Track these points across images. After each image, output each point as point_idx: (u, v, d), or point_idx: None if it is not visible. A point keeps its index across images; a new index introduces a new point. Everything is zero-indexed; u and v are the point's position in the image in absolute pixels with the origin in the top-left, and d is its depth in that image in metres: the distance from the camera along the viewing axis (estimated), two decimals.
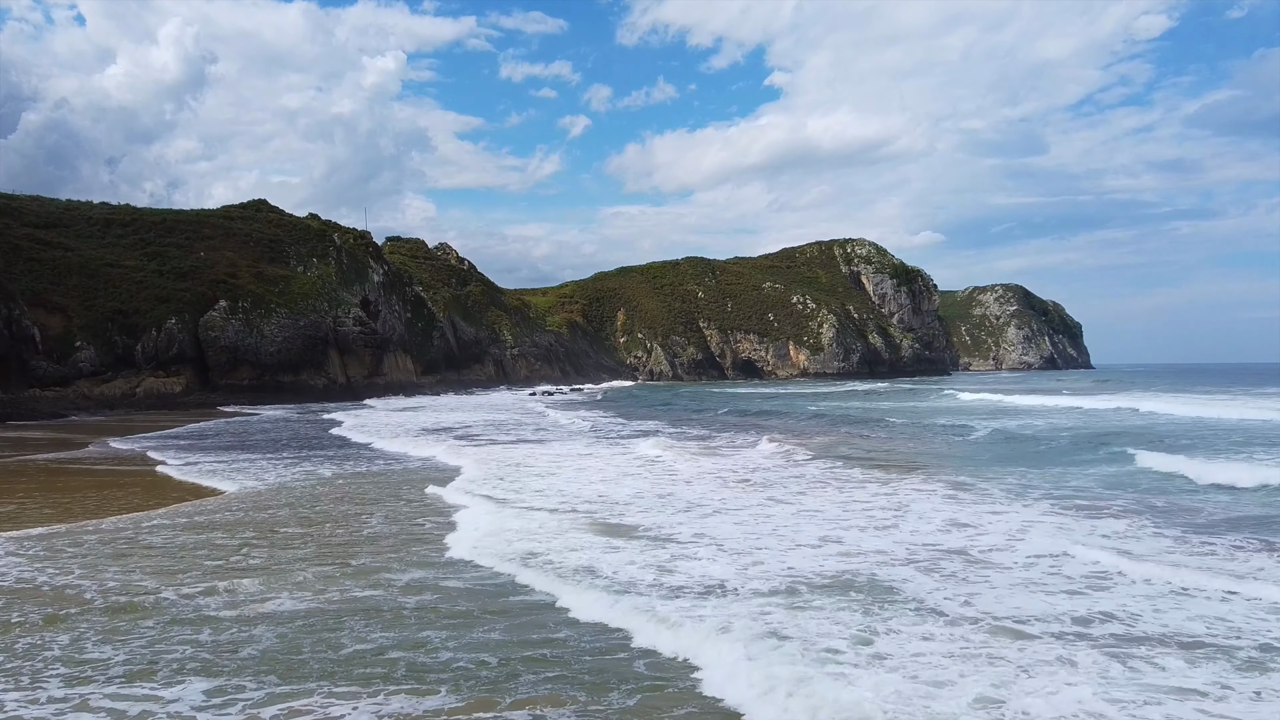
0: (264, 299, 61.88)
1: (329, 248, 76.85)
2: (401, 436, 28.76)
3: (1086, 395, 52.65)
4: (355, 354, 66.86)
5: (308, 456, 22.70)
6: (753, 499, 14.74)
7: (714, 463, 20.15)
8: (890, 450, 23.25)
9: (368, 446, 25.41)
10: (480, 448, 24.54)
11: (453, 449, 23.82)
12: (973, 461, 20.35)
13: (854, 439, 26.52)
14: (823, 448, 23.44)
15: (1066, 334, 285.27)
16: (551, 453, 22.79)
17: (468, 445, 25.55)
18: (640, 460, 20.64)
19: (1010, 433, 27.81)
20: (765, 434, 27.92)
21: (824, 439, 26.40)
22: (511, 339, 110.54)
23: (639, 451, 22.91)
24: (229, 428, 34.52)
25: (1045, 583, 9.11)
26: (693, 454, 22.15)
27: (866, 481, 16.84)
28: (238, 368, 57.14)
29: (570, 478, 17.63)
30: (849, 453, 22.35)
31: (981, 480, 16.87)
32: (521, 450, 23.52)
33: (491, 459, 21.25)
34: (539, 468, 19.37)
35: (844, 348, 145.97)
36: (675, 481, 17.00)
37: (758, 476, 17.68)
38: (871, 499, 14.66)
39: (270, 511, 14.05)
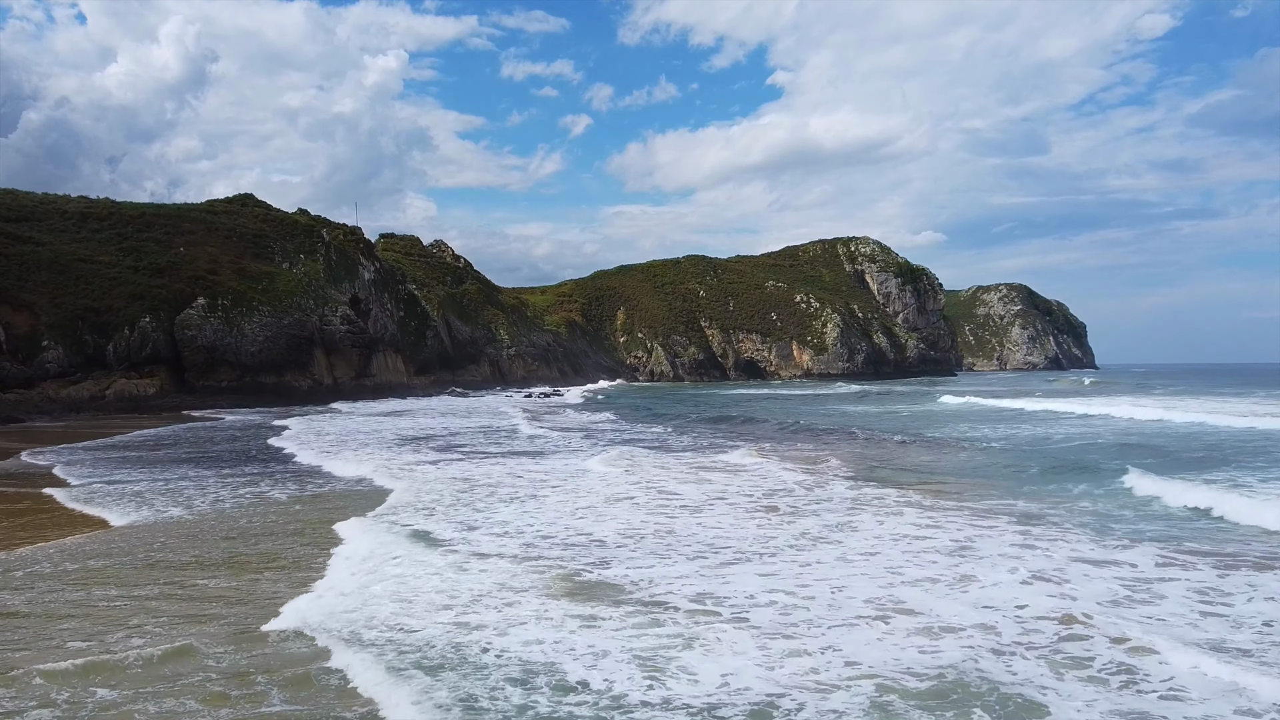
0: (246, 296, 59.01)
1: (317, 244, 73.95)
2: (370, 448, 25.64)
3: (1104, 397, 49.86)
4: (343, 354, 64.00)
5: (229, 477, 18.84)
6: (779, 536, 11.89)
7: (726, 482, 17.30)
8: (921, 464, 20.41)
9: (317, 468, 20.60)
10: (448, 464, 21.46)
11: (405, 468, 20.55)
12: (1021, 478, 17.49)
13: (875, 449, 23.67)
14: (846, 461, 20.61)
15: (1071, 334, 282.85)
16: (532, 470, 19.87)
17: (437, 459, 22.65)
18: (638, 481, 17.75)
19: (1045, 441, 25.00)
20: (780, 445, 25.11)
21: (845, 450, 23.56)
22: (508, 339, 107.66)
23: (638, 469, 20.05)
24: (181, 435, 31.29)
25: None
26: (701, 472, 19.30)
27: (904, 506, 14.01)
28: (216, 368, 54.27)
29: (548, 505, 14.61)
30: (877, 468, 19.53)
31: (1047, 506, 14.03)
32: (497, 468, 20.54)
33: (456, 477, 18.31)
34: (511, 489, 16.35)
35: (848, 348, 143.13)
36: (681, 510, 14.14)
37: (780, 501, 14.83)
38: (923, 534, 11.83)
39: (118, 559, 10.78)
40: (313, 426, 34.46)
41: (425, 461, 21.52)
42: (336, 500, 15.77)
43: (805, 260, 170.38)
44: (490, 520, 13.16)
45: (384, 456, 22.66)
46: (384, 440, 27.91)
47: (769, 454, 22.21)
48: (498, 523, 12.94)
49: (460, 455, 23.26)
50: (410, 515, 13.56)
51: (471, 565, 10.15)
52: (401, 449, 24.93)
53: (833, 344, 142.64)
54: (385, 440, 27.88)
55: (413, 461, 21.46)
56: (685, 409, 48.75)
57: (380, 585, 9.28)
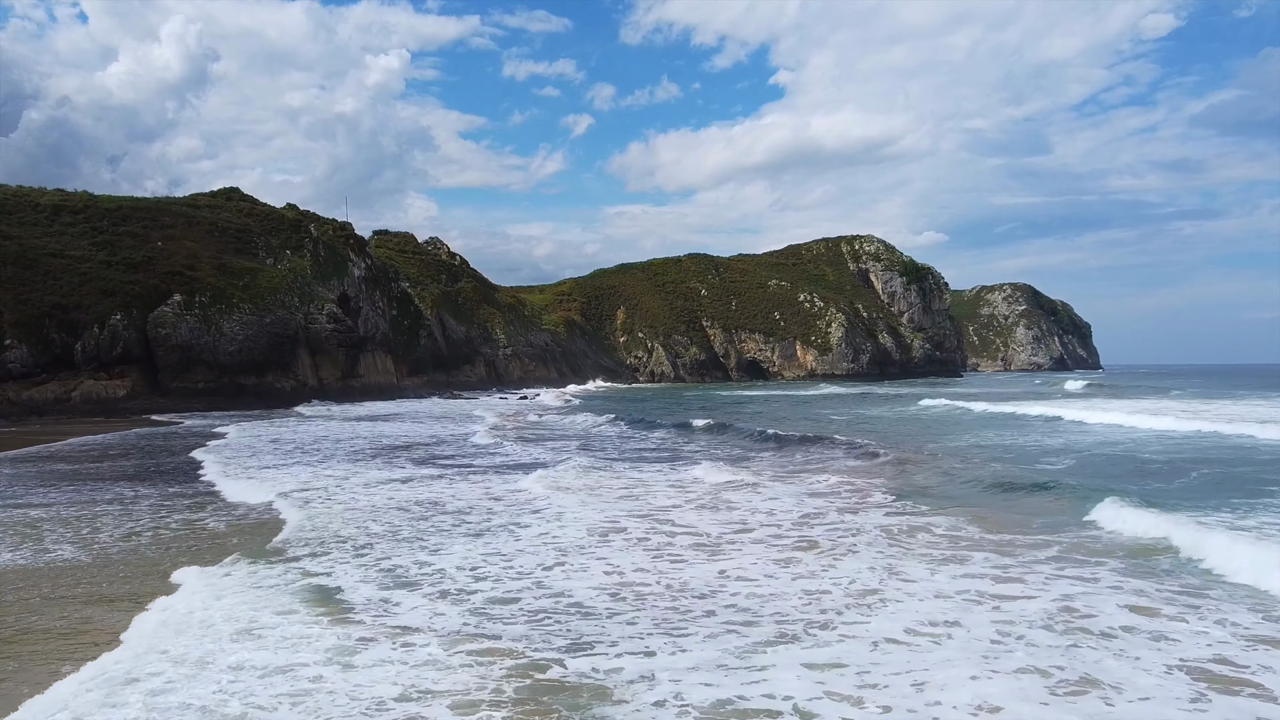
0: (225, 293, 56.09)
1: (304, 239, 71.03)
2: (315, 460, 22.47)
3: (1127, 399, 46.95)
4: (329, 354, 61.07)
5: (114, 501, 15.48)
6: (828, 592, 8.95)
7: (747, 505, 14.37)
8: (970, 481, 17.47)
9: (214, 489, 17.16)
10: (405, 484, 18.22)
11: (344, 486, 17.34)
12: (1094, 500, 14.51)
13: (912, 461, 20.74)
14: (882, 476, 17.68)
15: (1076, 334, 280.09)
16: (506, 492, 16.92)
17: (393, 477, 19.69)
18: (637, 509, 14.81)
19: (1097, 452, 22.07)
20: (799, 453, 22.17)
21: (877, 461, 20.62)
22: (505, 338, 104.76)
23: (636, 491, 17.13)
24: (111, 443, 27.65)
25: None
26: (710, 495, 16.38)
27: (973, 548, 11.06)
28: (192, 369, 51.33)
29: (518, 544, 11.51)
30: (924, 486, 16.59)
31: (1159, 554, 11.05)
32: (466, 487, 17.49)
33: (409, 502, 15.28)
34: (476, 519, 13.30)
35: (853, 348, 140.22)
36: (690, 549, 11.22)
37: (819, 534, 11.90)
38: (1001, 589, 8.90)
39: None
40: (268, 433, 31.10)
41: (381, 480, 18.45)
42: (215, 535, 12.54)
43: (808, 259, 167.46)
44: (431, 569, 10.09)
45: (327, 470, 19.65)
46: (342, 450, 24.75)
47: (775, 469, 19.30)
48: (440, 573, 9.88)
49: (427, 469, 20.31)
50: (317, 558, 10.50)
51: (376, 649, 7.11)
52: (357, 462, 21.86)
53: (837, 344, 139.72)
54: (343, 451, 24.73)
55: (362, 480, 18.20)
56: (689, 413, 45.81)
57: (177, 695, 6.08)
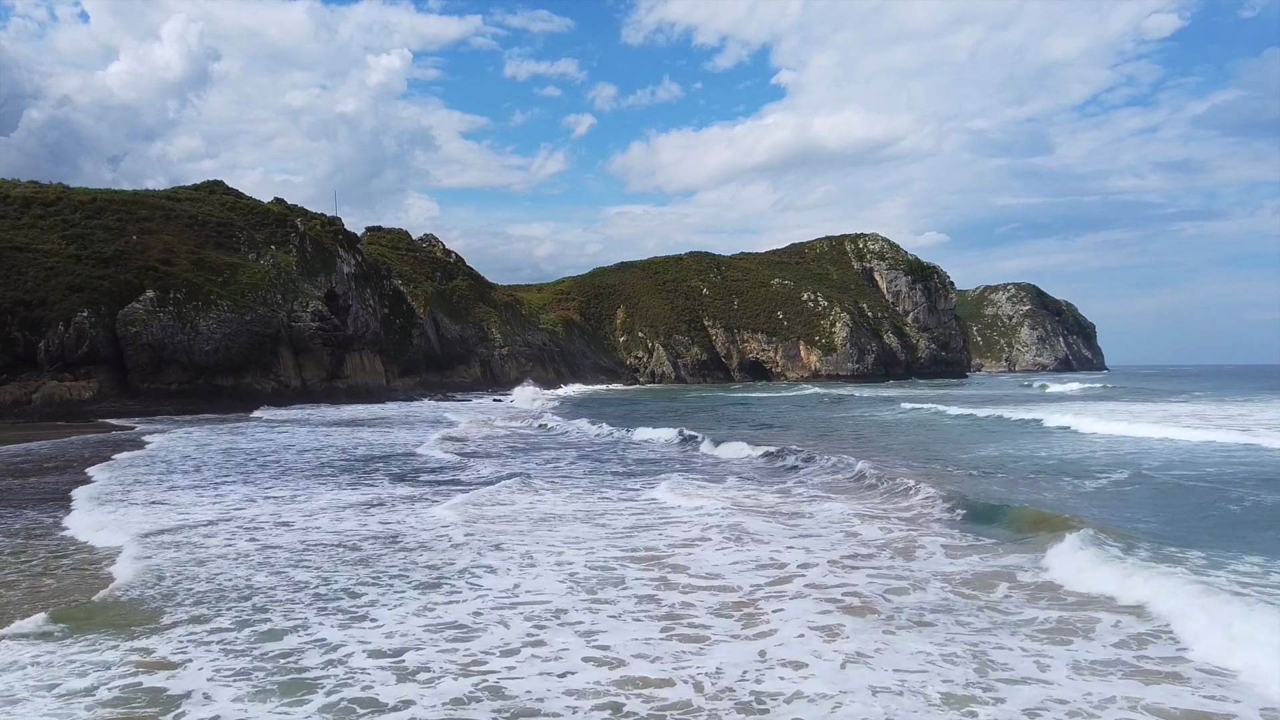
0: (202, 289, 53.11)
1: (290, 234, 68.06)
2: (286, 476, 19.75)
3: (1158, 402, 43.95)
4: (313, 354, 58.10)
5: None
6: (901, 695, 6.01)
7: (774, 538, 11.39)
8: (1040, 505, 14.52)
9: (58, 532, 14.60)
10: (322, 514, 15.31)
11: (237, 516, 14.65)
12: (1219, 540, 11.54)
13: (955, 478, 17.80)
14: (932, 499, 14.70)
15: (1080, 334, 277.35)
16: (480, 516, 14.00)
17: (311, 505, 16.75)
18: (634, 545, 11.81)
19: (1165, 477, 19.12)
20: (824, 471, 19.18)
21: (915, 476, 17.65)
22: (501, 338, 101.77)
23: (635, 515, 14.15)
24: (33, 453, 24.39)
25: None
26: (723, 522, 13.39)
27: (1097, 611, 8.11)
28: (164, 369, 48.33)
29: (478, 603, 8.49)
30: (977, 510, 13.64)
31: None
32: (434, 516, 14.68)
33: (360, 534, 12.42)
34: (431, 566, 10.19)
35: (858, 348, 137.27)
36: (713, 613, 8.24)
37: (876, 588, 8.90)
38: (1155, 688, 5.96)
39: None
40: (221, 442, 27.50)
41: (332, 504, 15.44)
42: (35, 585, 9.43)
43: (812, 258, 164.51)
44: (340, 655, 7.11)
45: (271, 490, 16.63)
46: (303, 463, 21.61)
47: (868, 494, 16.34)
48: (351, 669, 6.82)
49: (396, 488, 17.36)
50: (178, 629, 7.58)
51: None
52: (312, 478, 18.75)
53: (842, 344, 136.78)
54: (305, 463, 21.57)
55: (305, 505, 15.13)
56: (689, 419, 42.91)
57: None
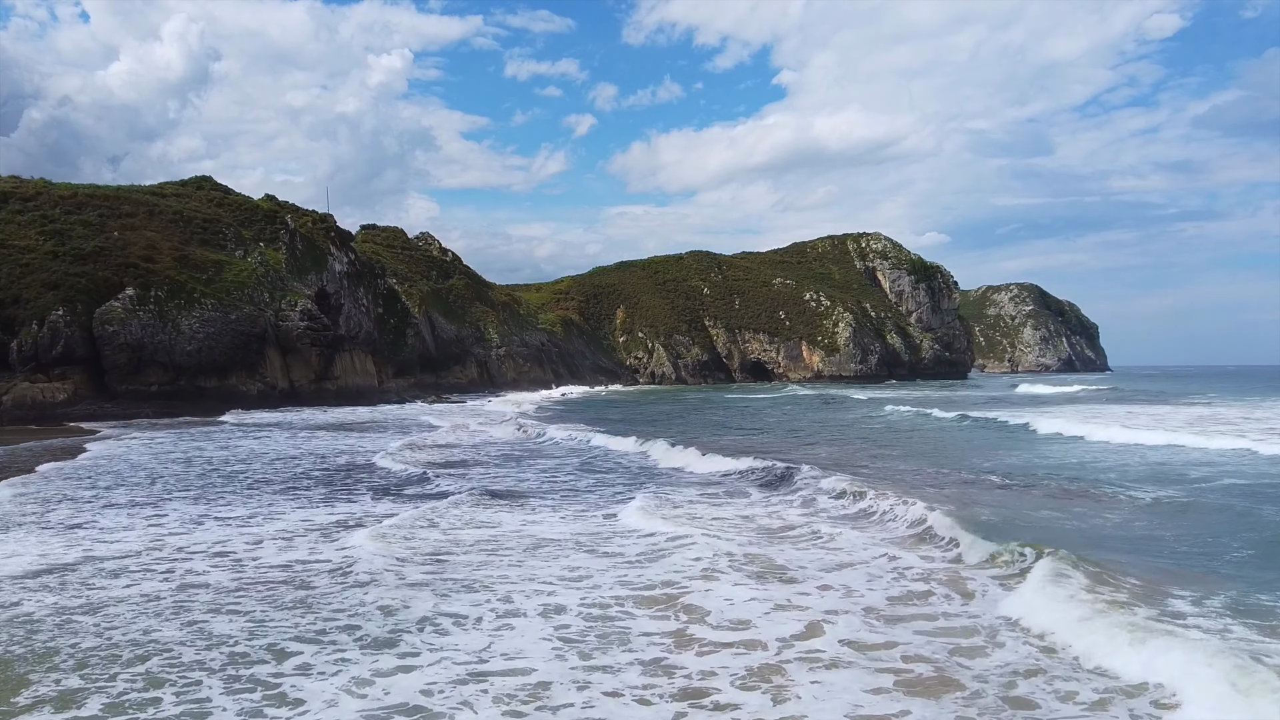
0: (185, 287, 51.08)
1: (280, 231, 66.10)
2: (252, 492, 17.71)
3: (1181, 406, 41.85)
4: (301, 354, 56.07)
5: None
6: None
7: (778, 575, 9.32)
8: (1126, 541, 12.49)
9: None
10: (311, 540, 13.52)
11: (246, 547, 12.83)
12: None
13: (1011, 502, 15.77)
14: (1002, 533, 12.63)
15: (1084, 335, 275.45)
16: (450, 545, 11.92)
17: (321, 519, 14.71)
18: (639, 579, 9.76)
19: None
20: (827, 494, 17.13)
21: (964, 500, 15.61)
22: (498, 338, 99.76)
23: (636, 543, 12.09)
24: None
25: None
26: (746, 549, 11.33)
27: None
28: (144, 370, 46.30)
29: (436, 674, 6.46)
30: (1079, 554, 11.57)
31: None
32: (399, 546, 12.63)
33: (312, 568, 10.39)
34: (386, 616, 8.07)
35: (861, 349, 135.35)
36: (739, 683, 6.20)
37: (922, 646, 6.89)
38: None
39: None
40: (184, 449, 24.94)
41: (287, 529, 13.46)
42: None
43: (814, 257, 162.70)
44: None
45: (220, 509, 14.46)
46: (276, 476, 19.55)
47: (922, 532, 14.30)
48: None
49: (368, 505, 15.35)
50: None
51: None
52: (280, 493, 16.77)
53: (845, 344, 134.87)
54: (278, 476, 19.52)
55: (255, 530, 13.08)
56: (700, 423, 40.88)
57: None
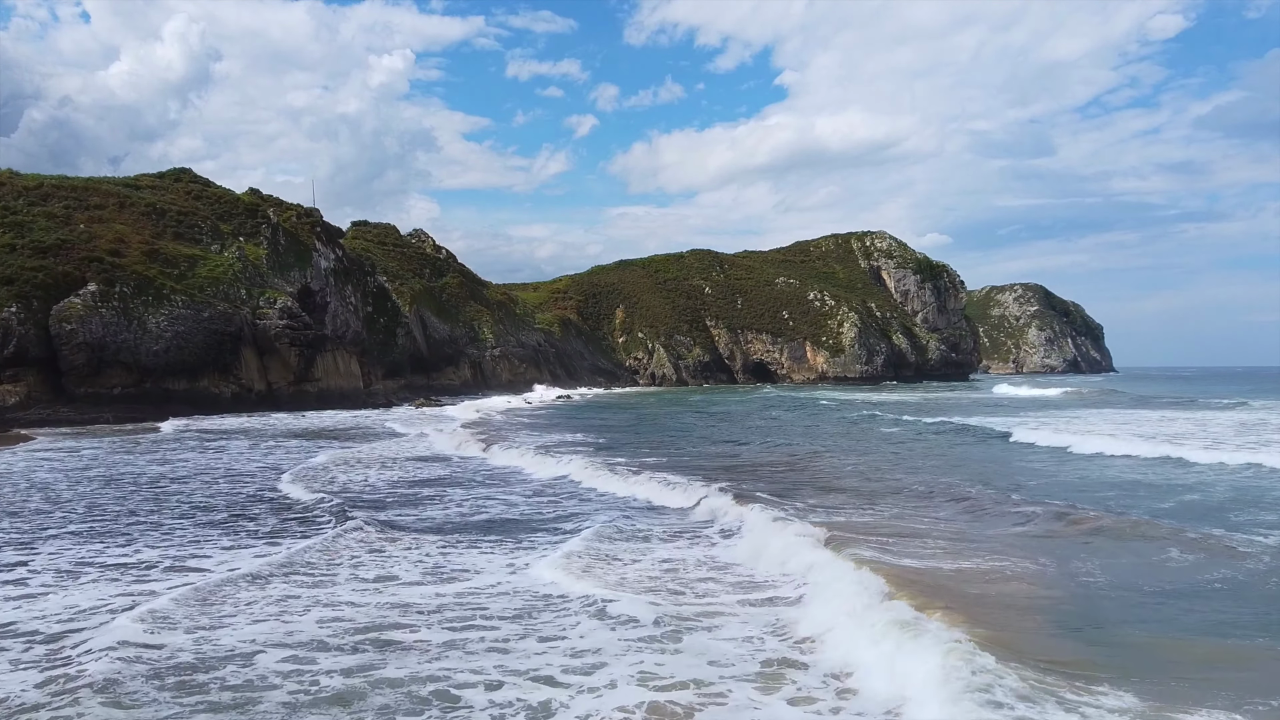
0: (154, 283, 47.83)
1: (262, 225, 62.81)
2: (164, 531, 14.41)
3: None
4: (280, 354, 52.83)
5: None
6: None
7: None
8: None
9: None
10: (211, 598, 10.13)
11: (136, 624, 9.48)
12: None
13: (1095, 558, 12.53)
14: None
15: (1089, 336, 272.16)
16: (395, 607, 8.71)
17: (246, 565, 11.44)
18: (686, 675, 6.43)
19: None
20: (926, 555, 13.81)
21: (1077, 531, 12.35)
22: (493, 338, 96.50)
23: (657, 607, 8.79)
24: None
25: None
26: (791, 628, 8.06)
27: None
28: (105, 371, 43.03)
29: None
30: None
31: None
32: (346, 610, 9.29)
33: (203, 656, 7.16)
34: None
35: (867, 349, 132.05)
36: None
37: None
38: None
39: None
40: (102, 460, 20.69)
41: (182, 587, 10.27)
42: None
43: (817, 256, 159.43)
44: None
45: (117, 553, 11.20)
46: (185, 499, 16.14)
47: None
48: None
49: (306, 548, 12.12)
50: None
51: None
52: (202, 525, 13.62)
53: (850, 345, 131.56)
54: (185, 500, 16.12)
55: (130, 596, 10.08)
56: (708, 433, 37.61)
57: None
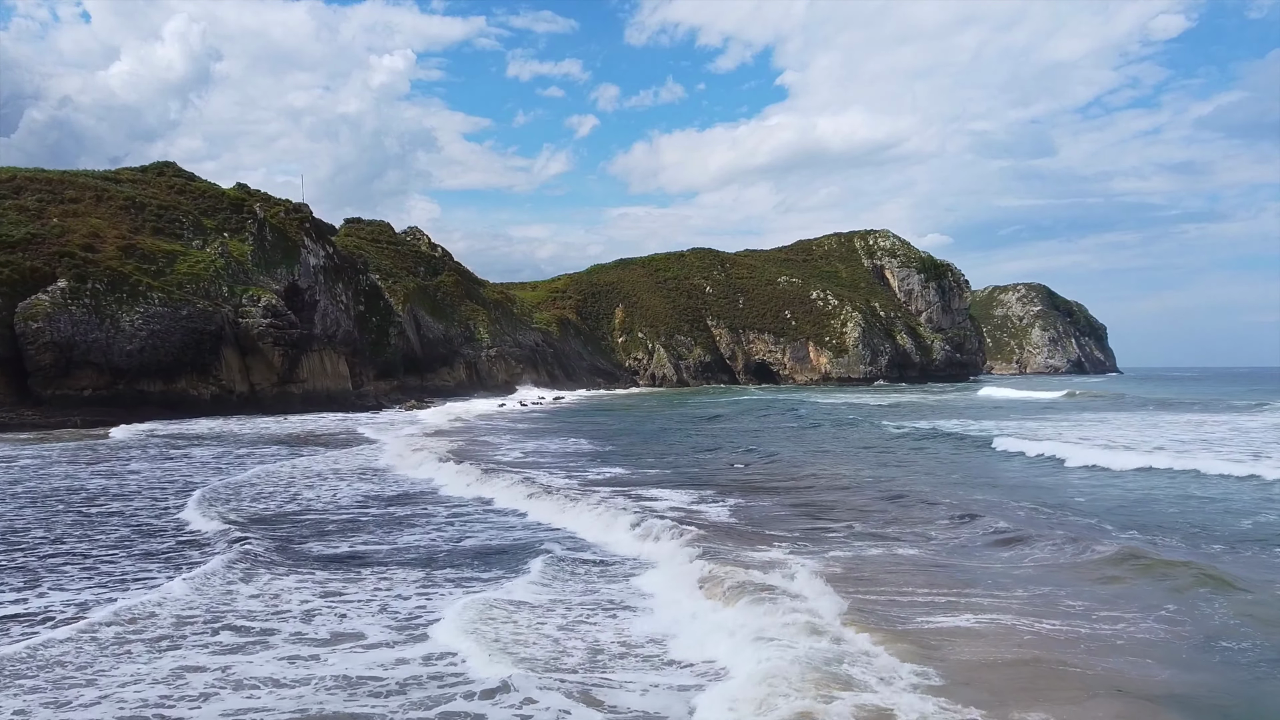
0: (129, 279, 45.54)
1: (247, 221, 60.52)
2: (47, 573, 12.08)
3: None
4: (263, 354, 50.53)
5: None
6: None
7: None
8: None
9: None
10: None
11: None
12: None
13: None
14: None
15: (1092, 336, 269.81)
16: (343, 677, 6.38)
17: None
18: None
19: None
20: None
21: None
22: (489, 338, 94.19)
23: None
24: None
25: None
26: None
27: None
28: (74, 372, 40.76)
29: None
30: None
31: None
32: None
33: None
34: None
35: (871, 349, 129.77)
36: None
37: None
38: None
39: None
40: (40, 470, 17.68)
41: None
42: None
43: (820, 255, 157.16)
44: None
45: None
46: (121, 521, 13.77)
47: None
48: None
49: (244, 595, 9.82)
50: None
51: None
52: (82, 565, 11.34)
53: (854, 345, 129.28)
54: (121, 523, 13.77)
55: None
56: (711, 443, 35.26)
57: None
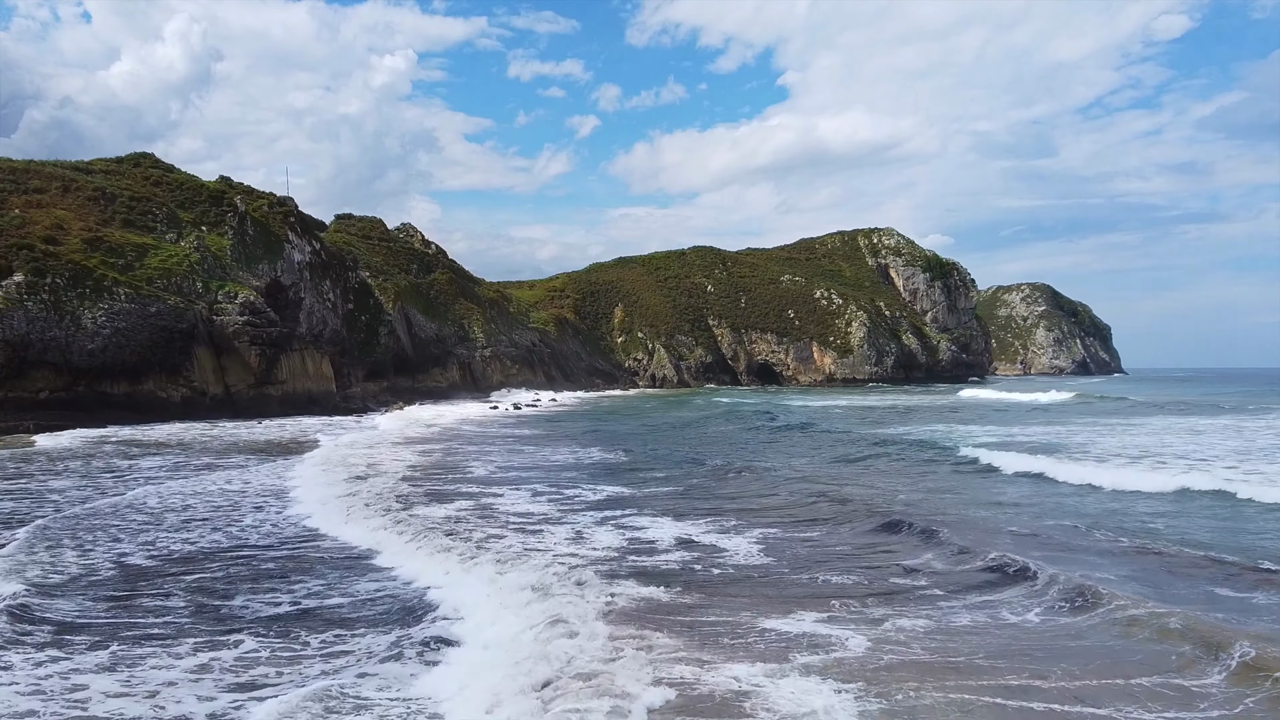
0: (93, 273, 42.72)
1: (227, 214, 57.73)
2: None
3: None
4: (239, 354, 47.69)
5: None
6: None
7: None
8: None
9: None
10: None
11: None
12: None
13: None
14: None
15: (1097, 336, 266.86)
16: None
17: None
18: None
19: None
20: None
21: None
22: (484, 337, 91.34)
23: None
24: None
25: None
26: None
27: None
28: (30, 372, 37.95)
29: None
30: None
31: None
32: None
33: None
34: None
35: (876, 349, 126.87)
36: None
37: None
38: None
39: None
40: None
41: None
42: None
43: (823, 253, 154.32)
44: None
45: None
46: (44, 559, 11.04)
47: None
48: None
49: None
50: None
51: None
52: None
53: (858, 345, 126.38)
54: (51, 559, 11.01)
55: None
56: (718, 456, 32.40)
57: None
